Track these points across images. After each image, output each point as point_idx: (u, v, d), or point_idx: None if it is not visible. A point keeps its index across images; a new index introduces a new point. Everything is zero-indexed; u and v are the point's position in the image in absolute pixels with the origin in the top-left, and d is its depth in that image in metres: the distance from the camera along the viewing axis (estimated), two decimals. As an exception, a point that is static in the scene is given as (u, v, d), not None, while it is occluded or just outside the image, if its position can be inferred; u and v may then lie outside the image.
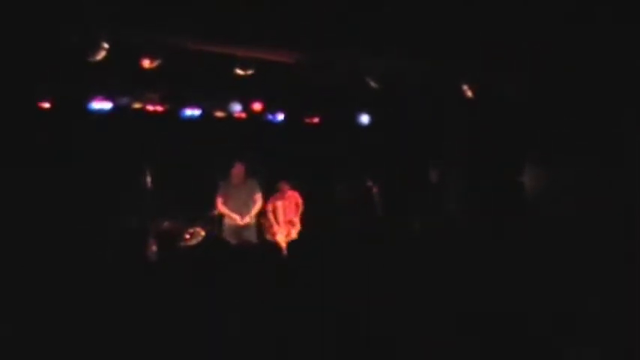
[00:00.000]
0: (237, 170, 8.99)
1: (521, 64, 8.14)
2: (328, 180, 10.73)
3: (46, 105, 8.43)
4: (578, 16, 7.03)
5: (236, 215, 8.86)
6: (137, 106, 9.00)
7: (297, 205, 9.65)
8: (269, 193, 9.50)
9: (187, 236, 8.46)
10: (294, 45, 7.72)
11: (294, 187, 9.69)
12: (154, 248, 7.74)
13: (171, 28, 6.90)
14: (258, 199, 9.07)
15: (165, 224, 8.36)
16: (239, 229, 8.83)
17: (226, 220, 8.97)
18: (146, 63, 7.09)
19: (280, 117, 10.28)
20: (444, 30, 7.57)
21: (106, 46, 6.74)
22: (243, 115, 9.85)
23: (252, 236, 8.91)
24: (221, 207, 8.92)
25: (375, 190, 10.48)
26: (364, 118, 10.74)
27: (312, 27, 7.33)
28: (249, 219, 8.93)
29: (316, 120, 10.72)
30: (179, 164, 9.40)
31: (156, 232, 8.11)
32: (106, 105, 8.71)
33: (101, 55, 6.72)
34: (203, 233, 8.49)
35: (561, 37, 7.45)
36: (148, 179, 8.72)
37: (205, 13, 6.74)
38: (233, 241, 8.17)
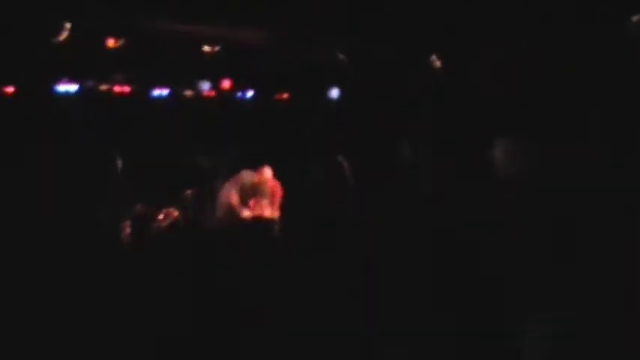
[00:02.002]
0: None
1: (490, 40, 8.17)
2: (299, 157, 10.68)
3: (10, 90, 8.26)
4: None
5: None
6: (104, 87, 8.85)
7: (273, 197, 8.87)
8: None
9: (161, 217, 8.37)
10: (262, 23, 7.63)
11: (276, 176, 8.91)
12: (128, 231, 7.68)
13: (134, 6, 6.78)
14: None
15: (138, 207, 8.25)
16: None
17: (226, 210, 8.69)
18: (110, 43, 6.96)
19: (249, 94, 10.21)
20: (412, 6, 7.55)
21: (68, 26, 6.59)
22: (213, 93, 9.76)
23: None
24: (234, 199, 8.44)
25: (345, 166, 10.46)
26: (334, 93, 10.69)
27: (279, 3, 7.25)
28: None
29: (285, 96, 10.66)
30: (149, 145, 9.29)
31: (129, 216, 8.05)
32: (72, 87, 8.55)
33: (64, 35, 6.58)
34: (176, 214, 8.41)
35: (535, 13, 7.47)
36: (119, 162, 8.61)
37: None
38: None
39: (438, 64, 9.22)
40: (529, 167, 8.44)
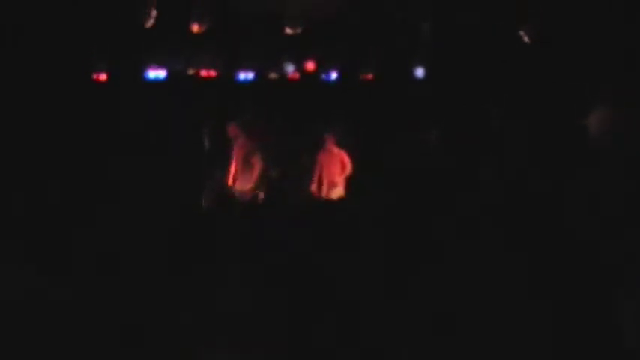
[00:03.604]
0: (232, 131, 8.34)
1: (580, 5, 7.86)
2: (384, 136, 10.61)
3: (103, 77, 8.62)
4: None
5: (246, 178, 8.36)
6: (191, 72, 9.10)
7: (342, 165, 8.88)
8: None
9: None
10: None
11: (341, 145, 8.97)
12: (211, 204, 7.90)
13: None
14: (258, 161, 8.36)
15: (219, 178, 8.46)
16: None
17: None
18: (195, 27, 7.15)
19: (334, 75, 10.23)
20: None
21: (154, 13, 6.82)
22: (297, 75, 9.85)
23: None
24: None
25: (436, 141, 10.31)
26: (419, 72, 10.55)
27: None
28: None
29: (370, 76, 10.61)
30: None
31: (216, 194, 8.27)
32: (160, 73, 8.85)
33: (150, 22, 6.81)
34: (262, 195, 8.59)
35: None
36: (207, 143, 8.83)
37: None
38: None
39: (526, 39, 8.96)
40: (625, 135, 8.08)
